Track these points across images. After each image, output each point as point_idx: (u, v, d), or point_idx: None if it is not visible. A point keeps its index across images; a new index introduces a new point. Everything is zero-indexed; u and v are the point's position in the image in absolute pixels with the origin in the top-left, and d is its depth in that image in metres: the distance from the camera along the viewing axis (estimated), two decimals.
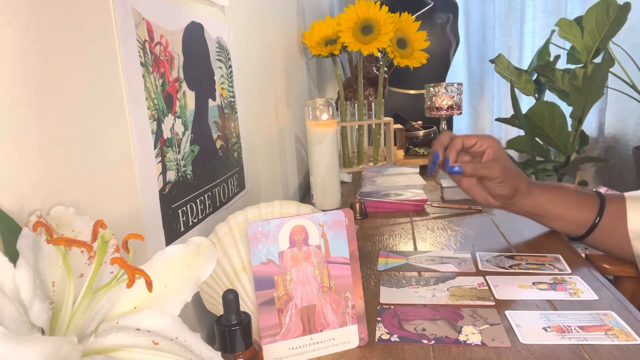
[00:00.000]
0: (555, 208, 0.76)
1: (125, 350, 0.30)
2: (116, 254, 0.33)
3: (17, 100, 0.33)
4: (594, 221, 0.73)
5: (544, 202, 0.76)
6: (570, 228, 0.76)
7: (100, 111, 0.42)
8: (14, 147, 0.33)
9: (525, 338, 0.52)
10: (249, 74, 0.87)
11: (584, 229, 0.75)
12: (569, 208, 0.75)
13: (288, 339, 0.50)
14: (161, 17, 0.53)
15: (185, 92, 0.58)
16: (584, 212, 0.74)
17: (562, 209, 0.75)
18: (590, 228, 0.74)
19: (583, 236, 0.75)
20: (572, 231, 0.77)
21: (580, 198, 0.75)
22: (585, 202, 0.75)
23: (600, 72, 1.69)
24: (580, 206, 0.75)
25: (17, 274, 0.27)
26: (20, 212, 0.33)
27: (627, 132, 2.29)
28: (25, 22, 0.34)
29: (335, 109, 1.05)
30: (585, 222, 0.74)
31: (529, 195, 0.76)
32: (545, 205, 0.76)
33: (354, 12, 1.25)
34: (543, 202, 0.76)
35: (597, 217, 0.73)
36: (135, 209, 0.47)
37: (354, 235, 0.53)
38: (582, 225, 0.74)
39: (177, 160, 0.56)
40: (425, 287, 0.66)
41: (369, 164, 1.45)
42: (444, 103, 1.56)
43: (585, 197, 0.75)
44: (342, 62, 1.66)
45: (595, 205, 0.74)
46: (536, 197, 0.76)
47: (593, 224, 0.73)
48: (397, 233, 0.89)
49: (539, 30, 2.41)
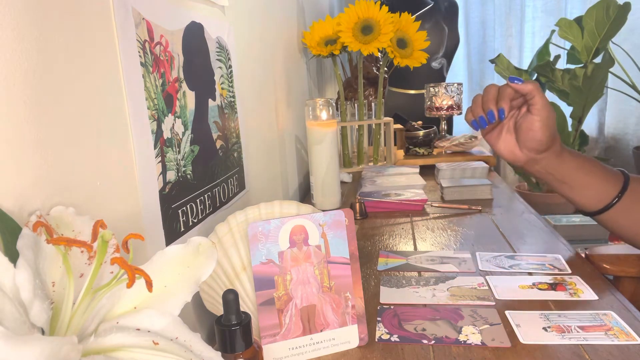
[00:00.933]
0: (581, 176, 0.71)
1: (125, 350, 0.30)
2: (116, 254, 0.33)
3: (17, 100, 0.33)
4: (615, 198, 0.70)
5: (572, 168, 0.72)
6: (588, 201, 0.72)
7: (100, 111, 0.42)
8: (14, 147, 0.33)
9: (525, 338, 0.52)
10: (249, 74, 0.87)
11: (602, 203, 0.71)
12: (594, 179, 0.71)
13: (288, 339, 0.50)
14: (161, 17, 0.53)
15: (185, 92, 0.58)
16: (607, 187, 0.71)
17: (588, 178, 0.71)
18: (610, 204, 0.70)
19: (599, 211, 0.72)
20: (589, 204, 0.72)
21: (607, 172, 0.72)
22: (611, 176, 0.71)
23: (600, 72, 1.69)
24: (605, 180, 0.71)
25: (17, 274, 0.27)
26: (20, 212, 0.33)
27: (627, 132, 2.29)
28: (25, 22, 0.34)
29: (335, 109, 1.05)
30: (605, 197, 0.71)
31: (558, 155, 0.72)
32: (571, 171, 0.72)
33: (354, 12, 1.25)
34: (570, 168, 0.72)
35: (620, 193, 0.70)
36: (135, 209, 0.47)
37: (354, 235, 0.53)
38: (602, 199, 0.71)
39: (177, 160, 0.56)
40: (425, 287, 0.66)
41: (369, 164, 1.45)
42: (444, 103, 1.57)
43: (611, 172, 0.72)
44: (342, 62, 1.66)
45: (619, 182, 0.71)
46: (565, 160, 0.72)
47: (613, 200, 0.70)
48: (397, 233, 0.89)
49: (539, 30, 2.41)
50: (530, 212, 0.96)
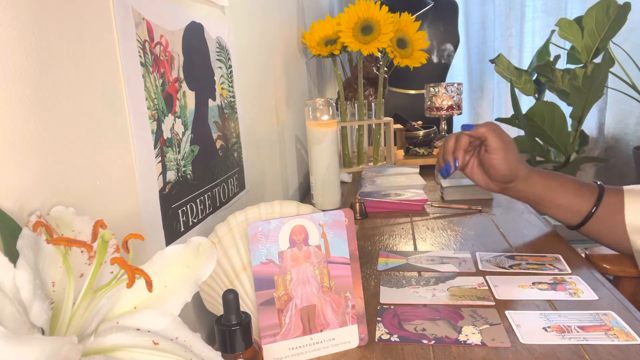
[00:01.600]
0: (553, 196, 0.76)
1: (125, 350, 0.30)
2: (116, 254, 0.33)
3: (17, 100, 0.33)
4: (590, 210, 0.74)
5: (542, 189, 0.77)
6: (565, 216, 0.77)
7: (100, 111, 0.42)
8: (14, 147, 0.33)
9: (525, 338, 0.52)
10: (249, 74, 0.87)
11: (579, 217, 0.75)
12: (566, 197, 0.75)
13: (288, 339, 0.50)
14: (161, 17, 0.53)
15: (185, 92, 0.58)
16: (581, 201, 0.74)
17: (560, 197, 0.76)
18: (587, 217, 0.74)
19: (579, 225, 0.76)
20: (568, 219, 0.77)
21: (579, 187, 0.76)
22: (584, 191, 0.75)
23: (600, 72, 1.69)
24: (578, 195, 0.75)
25: (17, 274, 0.27)
26: (20, 212, 0.33)
27: (627, 132, 2.29)
28: (25, 22, 0.34)
29: (335, 109, 1.05)
30: (581, 211, 0.74)
31: (526, 180, 0.77)
32: (542, 192, 0.77)
33: (354, 12, 1.25)
34: (541, 189, 0.77)
35: (594, 206, 0.74)
36: (135, 209, 0.47)
37: (354, 235, 0.53)
38: (579, 213, 0.75)
39: (177, 160, 0.56)
40: (425, 287, 0.66)
41: (369, 164, 1.45)
42: (444, 103, 1.56)
43: (584, 186, 0.76)
44: (342, 62, 1.66)
45: (594, 194, 0.74)
46: (534, 184, 0.77)
47: (589, 213, 0.74)
48: (397, 233, 0.89)
49: (539, 30, 2.41)
50: (530, 212, 0.96)
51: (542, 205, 0.78)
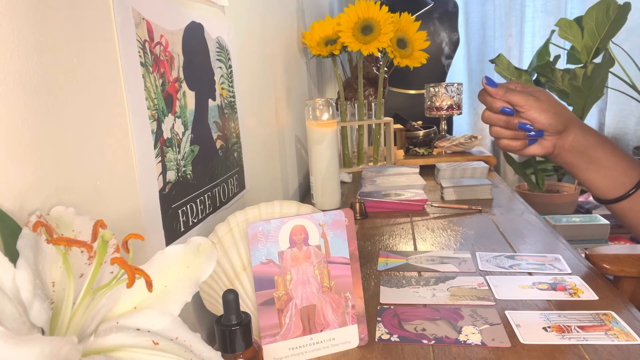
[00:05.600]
0: (607, 154, 0.67)
1: (125, 350, 0.30)
2: (116, 254, 0.33)
3: (17, 100, 0.33)
4: (635, 185, 0.66)
5: (597, 142, 0.68)
6: (608, 184, 0.68)
7: (100, 111, 0.42)
8: (14, 147, 0.33)
9: (525, 338, 0.52)
10: (249, 74, 0.87)
11: (623, 189, 0.67)
12: (619, 159, 0.67)
13: (288, 339, 0.50)
14: (161, 17, 0.53)
15: (185, 92, 0.58)
16: (630, 171, 0.67)
17: (613, 157, 0.67)
18: (629, 191, 0.67)
19: (617, 199, 0.68)
20: (612, 188, 0.68)
21: (630, 156, 0.68)
22: (633, 162, 0.67)
23: (600, 72, 1.69)
24: (628, 162, 0.67)
25: (17, 274, 0.27)
26: (20, 212, 0.33)
27: (627, 132, 2.29)
28: (25, 22, 0.34)
29: (335, 109, 1.05)
30: (626, 182, 0.67)
31: (581, 128, 0.69)
32: (598, 146, 0.67)
33: (354, 12, 1.25)
34: (597, 142, 0.68)
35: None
36: (135, 209, 0.47)
37: (354, 235, 0.53)
38: (622, 185, 0.67)
39: (177, 160, 0.56)
40: (425, 287, 0.66)
41: (369, 164, 1.45)
42: (444, 103, 1.57)
43: (632, 157, 0.68)
44: (342, 62, 1.66)
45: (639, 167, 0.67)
46: (587, 134, 0.68)
47: (632, 188, 0.66)
48: (397, 233, 0.89)
49: (539, 30, 2.41)
50: (530, 212, 0.96)
51: (592, 166, 0.68)
